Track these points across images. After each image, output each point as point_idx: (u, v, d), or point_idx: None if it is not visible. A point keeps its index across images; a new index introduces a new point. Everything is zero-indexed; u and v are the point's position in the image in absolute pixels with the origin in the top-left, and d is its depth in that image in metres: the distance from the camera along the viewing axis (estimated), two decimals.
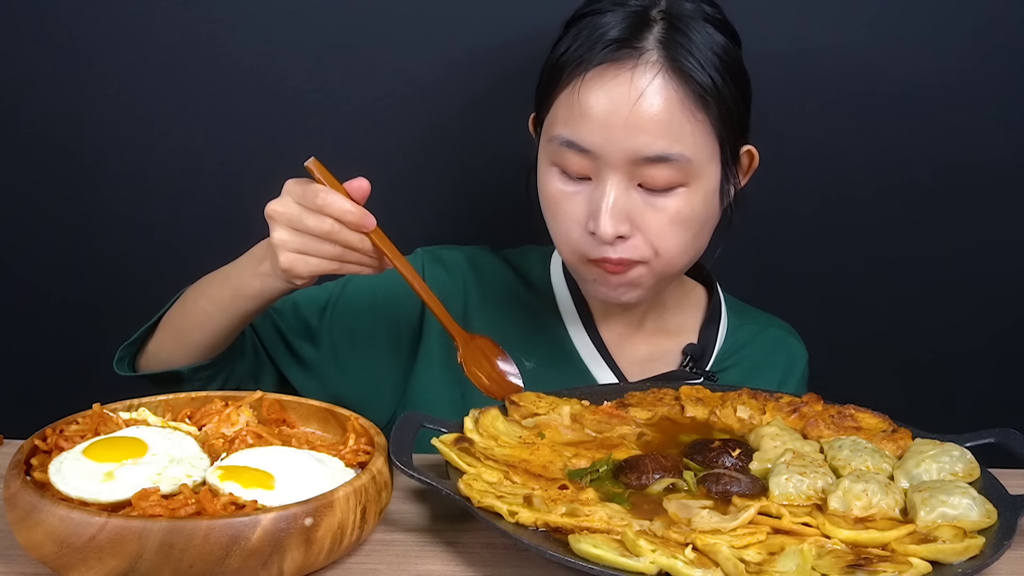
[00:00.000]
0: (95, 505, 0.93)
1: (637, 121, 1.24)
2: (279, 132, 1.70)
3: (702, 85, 1.26)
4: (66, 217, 1.73)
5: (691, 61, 1.26)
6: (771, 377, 1.49)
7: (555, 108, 1.31)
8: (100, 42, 1.66)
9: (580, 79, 1.27)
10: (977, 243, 1.77)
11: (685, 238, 1.31)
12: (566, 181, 1.31)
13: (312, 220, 1.14)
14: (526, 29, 1.63)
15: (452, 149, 1.72)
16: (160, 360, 1.34)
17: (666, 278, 1.37)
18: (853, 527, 0.99)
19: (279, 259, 1.17)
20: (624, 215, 1.27)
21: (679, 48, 1.26)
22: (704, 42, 1.28)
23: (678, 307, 1.50)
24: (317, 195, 1.14)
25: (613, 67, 1.26)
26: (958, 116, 1.71)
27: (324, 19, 1.66)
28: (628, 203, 1.27)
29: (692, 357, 1.47)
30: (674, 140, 1.25)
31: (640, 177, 1.27)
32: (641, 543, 0.92)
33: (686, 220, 1.30)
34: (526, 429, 1.18)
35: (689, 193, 1.29)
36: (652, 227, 1.29)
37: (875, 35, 1.68)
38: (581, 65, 1.27)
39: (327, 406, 1.15)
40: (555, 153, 1.30)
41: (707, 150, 1.29)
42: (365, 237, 1.17)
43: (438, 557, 1.01)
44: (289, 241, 1.16)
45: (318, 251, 1.16)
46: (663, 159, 1.25)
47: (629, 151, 1.25)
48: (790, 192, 1.69)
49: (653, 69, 1.25)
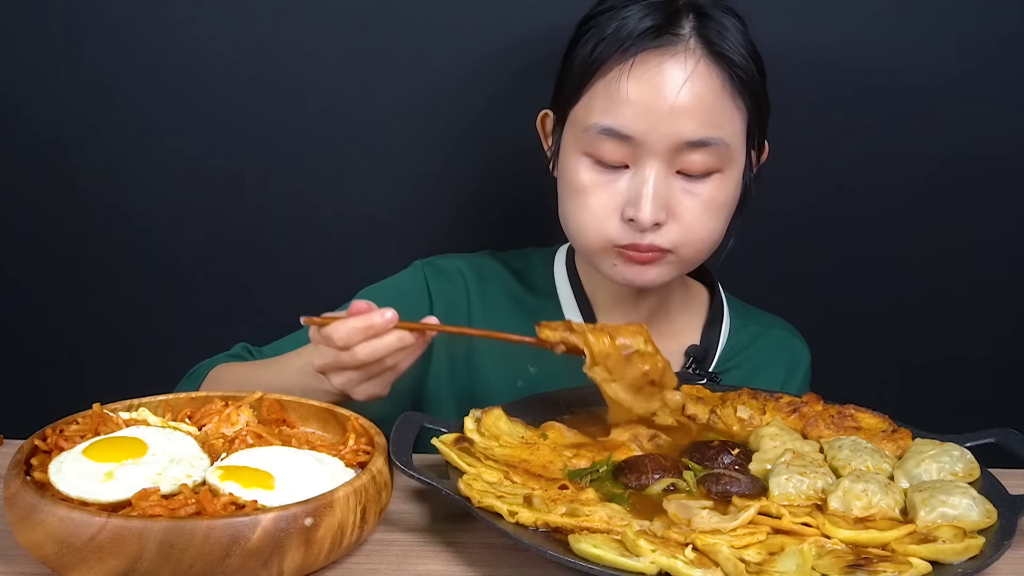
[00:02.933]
0: (95, 505, 0.93)
1: (682, 107, 1.26)
2: (280, 135, 1.70)
3: (743, 69, 1.29)
4: (66, 218, 1.73)
5: (728, 47, 1.29)
6: (774, 378, 1.48)
7: (589, 99, 1.31)
8: (100, 42, 1.66)
9: (622, 67, 1.27)
10: (978, 243, 1.77)
11: (716, 225, 1.33)
12: (599, 170, 1.31)
13: (347, 357, 1.13)
14: (529, 34, 1.64)
15: (456, 152, 1.71)
16: None
17: (687, 268, 1.38)
18: (853, 527, 0.99)
19: (354, 397, 1.18)
20: (664, 202, 1.28)
21: (716, 34, 1.29)
22: (734, 28, 1.31)
23: (682, 307, 1.50)
24: (334, 333, 1.12)
25: (655, 54, 1.27)
26: (959, 116, 1.71)
27: (326, 19, 1.66)
28: (668, 190, 1.29)
29: (695, 358, 1.46)
30: (716, 126, 1.28)
31: (680, 163, 1.28)
32: (641, 543, 0.92)
33: (719, 206, 1.32)
34: (528, 429, 1.18)
35: (723, 178, 1.31)
36: (687, 214, 1.30)
37: (874, 33, 1.68)
38: (622, 53, 1.28)
39: (327, 406, 1.15)
40: (590, 143, 1.30)
41: (740, 136, 1.32)
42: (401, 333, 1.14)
43: (438, 557, 1.01)
44: (351, 380, 1.16)
45: (376, 370, 1.16)
46: (704, 143, 1.27)
47: (672, 137, 1.26)
48: (789, 192, 1.69)
49: (695, 55, 1.27)
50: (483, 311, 1.46)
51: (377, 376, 1.16)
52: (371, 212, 1.73)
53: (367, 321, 1.12)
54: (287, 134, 1.70)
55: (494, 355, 1.42)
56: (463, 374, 1.43)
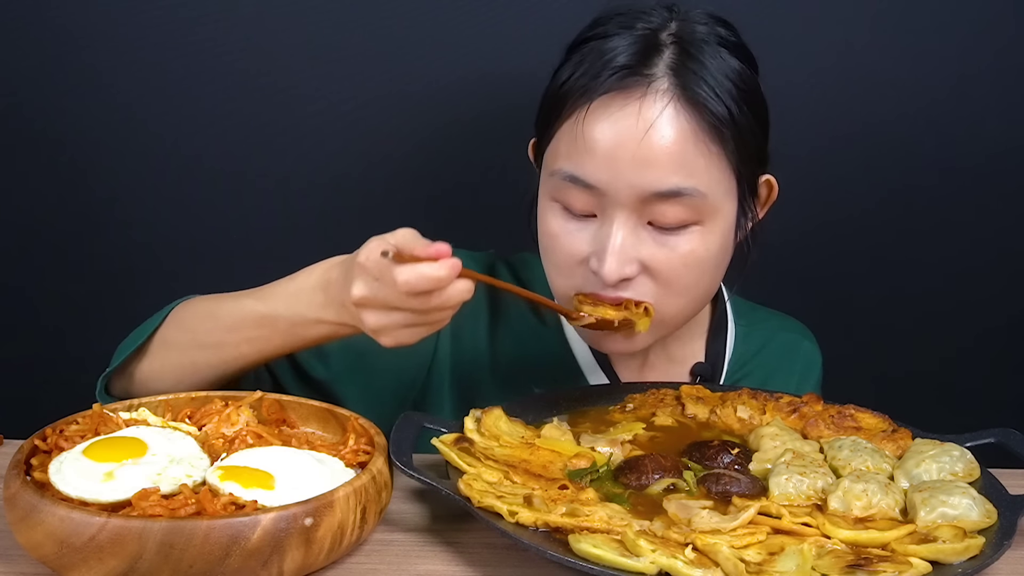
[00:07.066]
0: (95, 505, 0.93)
1: (646, 155, 1.15)
2: (279, 135, 1.70)
3: (716, 115, 1.17)
4: (65, 217, 1.73)
5: (704, 89, 1.17)
6: (786, 385, 1.40)
7: (557, 140, 1.22)
8: (99, 41, 1.66)
9: (584, 109, 1.18)
10: (978, 243, 1.77)
11: (701, 281, 1.23)
12: (568, 218, 1.22)
13: (401, 299, 1.02)
14: (531, 34, 1.64)
15: (456, 152, 1.71)
16: (150, 388, 1.23)
17: (662, 332, 1.27)
18: (853, 527, 0.99)
19: (382, 340, 1.07)
20: (631, 256, 1.19)
21: (691, 75, 1.18)
22: (718, 68, 1.19)
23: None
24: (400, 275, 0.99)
25: (620, 96, 1.17)
26: (959, 119, 1.72)
27: (326, 21, 1.66)
28: (637, 243, 1.19)
29: (702, 377, 1.40)
30: (687, 175, 1.17)
31: (650, 215, 1.18)
32: (641, 543, 0.92)
33: (700, 261, 1.21)
34: (528, 429, 1.18)
35: (704, 232, 1.20)
36: (663, 268, 1.20)
37: (874, 33, 1.68)
38: (585, 94, 1.18)
39: (327, 406, 1.15)
40: (557, 188, 1.21)
41: (723, 185, 1.20)
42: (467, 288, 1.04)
43: (438, 557, 1.01)
44: (393, 322, 1.05)
45: (421, 320, 1.05)
46: (675, 194, 1.16)
47: (637, 187, 1.16)
48: (789, 192, 1.69)
49: (664, 98, 1.16)
50: (491, 324, 1.39)
51: (420, 326, 1.06)
52: (372, 212, 1.73)
53: (441, 271, 1.00)
54: (287, 135, 1.71)
55: (498, 376, 1.38)
56: (468, 386, 1.38)
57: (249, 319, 1.17)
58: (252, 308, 1.17)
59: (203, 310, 1.23)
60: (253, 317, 1.16)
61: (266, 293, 1.17)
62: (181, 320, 1.23)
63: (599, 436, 1.17)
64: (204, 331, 1.20)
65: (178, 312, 1.24)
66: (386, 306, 1.04)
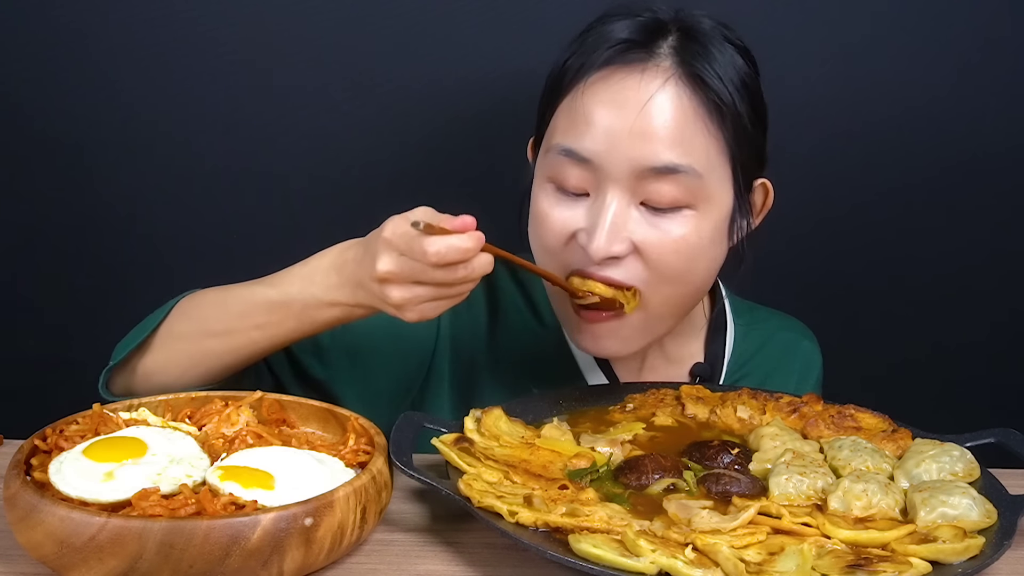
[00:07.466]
0: (95, 505, 0.93)
1: (644, 128, 1.15)
2: (280, 134, 1.70)
3: (718, 96, 1.17)
4: (66, 217, 1.73)
5: (707, 70, 1.17)
6: (786, 384, 1.40)
7: (555, 119, 1.22)
8: (101, 40, 1.66)
9: (583, 82, 1.18)
10: (978, 243, 1.77)
11: (691, 269, 1.21)
12: (560, 198, 1.21)
13: (429, 272, 1.03)
14: (532, 35, 1.64)
15: (454, 153, 1.71)
16: (153, 382, 1.23)
17: (654, 328, 1.25)
18: (853, 527, 0.99)
19: (405, 316, 1.07)
20: (623, 235, 1.17)
21: (695, 55, 1.17)
22: (722, 57, 1.19)
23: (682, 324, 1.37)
24: (431, 247, 1.01)
25: (621, 69, 1.17)
26: (959, 117, 1.71)
27: (327, 20, 1.66)
28: (629, 221, 1.18)
29: (701, 378, 1.40)
30: (684, 152, 1.16)
31: (644, 193, 1.17)
32: (641, 543, 0.92)
33: (691, 248, 1.19)
34: (528, 429, 1.18)
35: (697, 218, 1.19)
36: (653, 251, 1.18)
37: (874, 34, 1.68)
38: (585, 68, 1.18)
39: (327, 406, 1.15)
40: (552, 166, 1.21)
41: (719, 170, 1.19)
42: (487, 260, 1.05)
43: (438, 557, 1.01)
44: (417, 296, 1.05)
45: (446, 294, 1.06)
46: (671, 170, 1.16)
47: (634, 161, 1.16)
48: (788, 191, 1.69)
49: (665, 73, 1.17)
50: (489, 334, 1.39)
51: (443, 299, 1.07)
52: (373, 209, 1.72)
53: (469, 242, 1.01)
54: (288, 133, 1.71)
55: (497, 377, 1.38)
56: (467, 389, 1.38)
57: (261, 305, 1.17)
58: (263, 294, 1.17)
59: (212, 299, 1.23)
60: (264, 303, 1.17)
61: (278, 279, 1.18)
62: (188, 311, 1.24)
63: (599, 436, 1.17)
64: (213, 319, 1.21)
65: (183, 304, 1.25)
66: (411, 279, 1.05)
